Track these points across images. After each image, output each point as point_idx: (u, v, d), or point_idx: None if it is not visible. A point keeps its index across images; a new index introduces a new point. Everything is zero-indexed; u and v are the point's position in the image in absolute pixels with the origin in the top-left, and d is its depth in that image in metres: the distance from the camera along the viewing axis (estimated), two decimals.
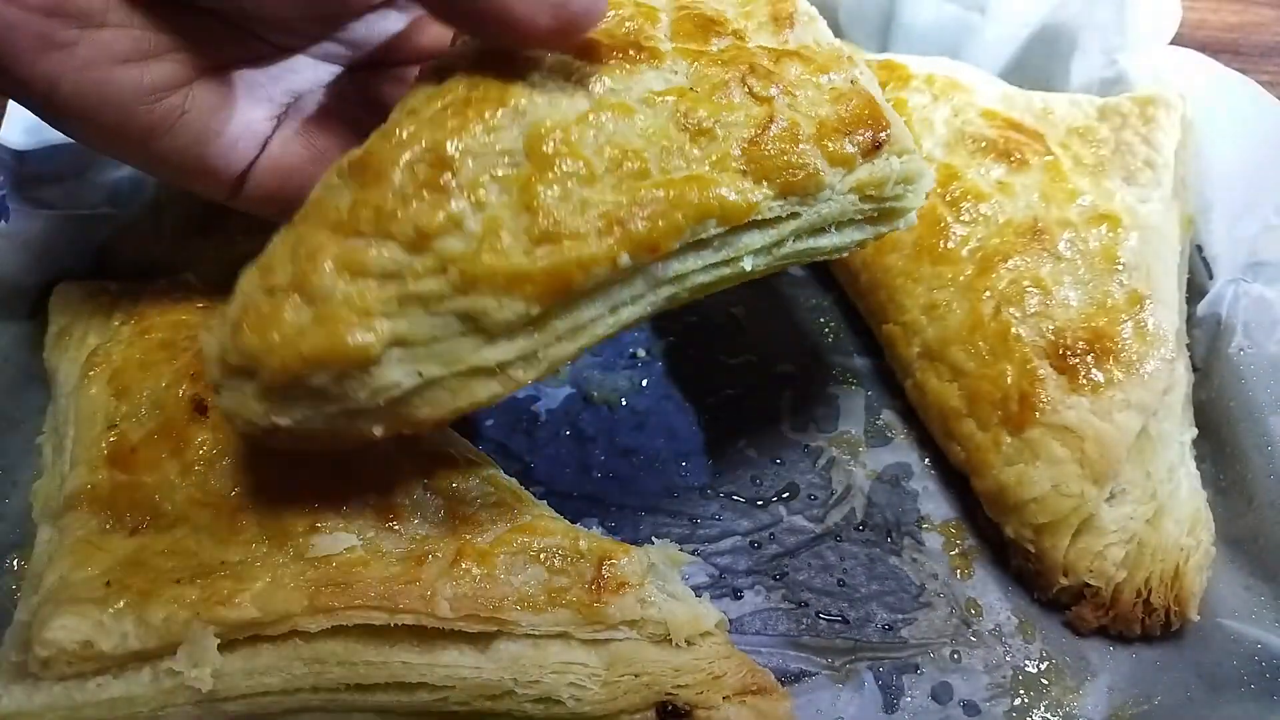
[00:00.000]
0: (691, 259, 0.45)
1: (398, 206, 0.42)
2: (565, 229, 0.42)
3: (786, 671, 0.55)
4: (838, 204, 0.48)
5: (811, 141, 0.46)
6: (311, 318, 0.41)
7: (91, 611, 0.45)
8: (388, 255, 0.41)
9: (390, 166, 0.42)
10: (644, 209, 0.42)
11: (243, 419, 0.43)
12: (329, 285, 0.41)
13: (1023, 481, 0.57)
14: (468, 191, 0.42)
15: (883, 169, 0.48)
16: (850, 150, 0.47)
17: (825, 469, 0.65)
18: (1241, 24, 1.02)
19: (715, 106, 0.46)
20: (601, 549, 0.49)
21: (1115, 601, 0.56)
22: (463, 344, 0.42)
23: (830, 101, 0.48)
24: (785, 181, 0.45)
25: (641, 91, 0.46)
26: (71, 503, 0.50)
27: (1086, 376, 0.58)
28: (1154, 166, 0.67)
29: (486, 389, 0.43)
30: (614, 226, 0.42)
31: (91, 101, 0.47)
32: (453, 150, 0.42)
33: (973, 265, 0.64)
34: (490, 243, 0.41)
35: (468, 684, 0.46)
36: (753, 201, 0.45)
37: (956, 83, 0.73)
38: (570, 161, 0.43)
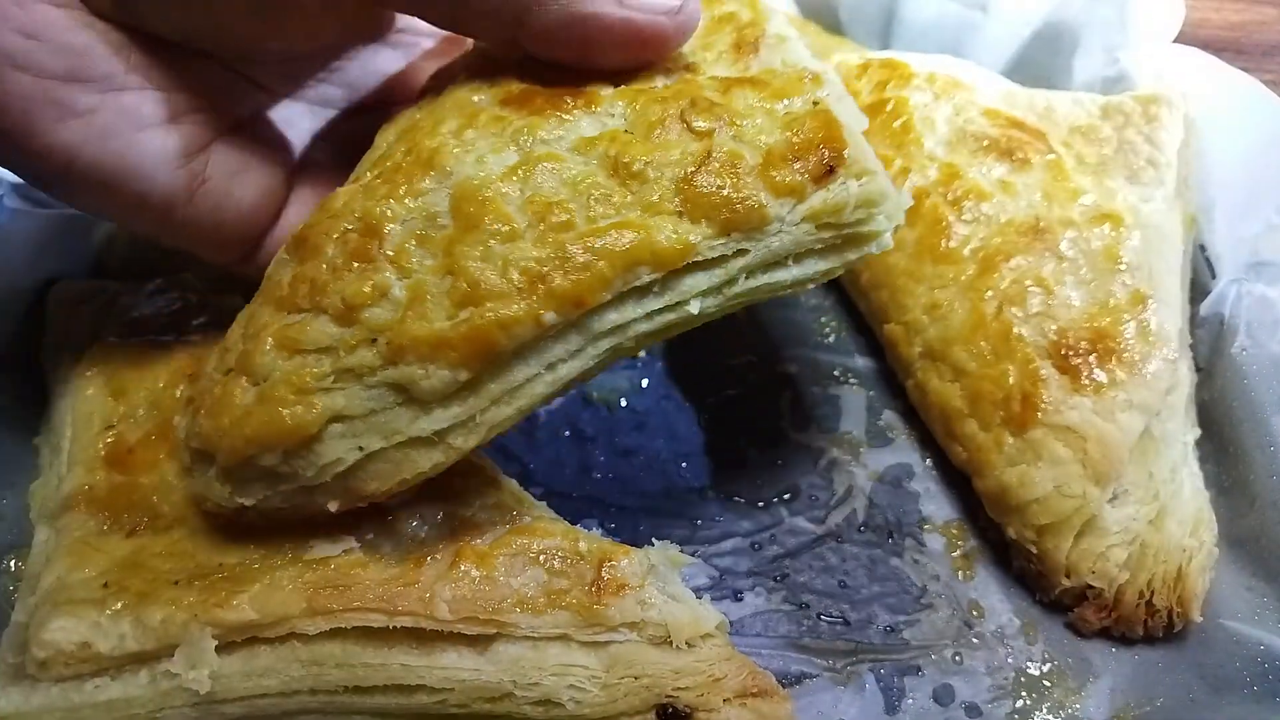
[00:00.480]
0: (630, 307, 0.44)
1: (329, 279, 0.42)
2: (486, 290, 0.41)
3: (787, 673, 0.54)
4: (790, 235, 0.45)
5: (754, 174, 0.44)
6: (256, 398, 0.42)
7: (89, 613, 0.44)
8: (321, 329, 0.42)
9: (324, 239, 0.43)
10: (565, 264, 0.42)
11: (210, 501, 0.44)
12: (269, 364, 0.42)
13: (1025, 482, 0.57)
14: (394, 259, 0.42)
15: (839, 194, 0.45)
16: (799, 178, 0.44)
17: (826, 470, 0.65)
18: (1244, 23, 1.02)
19: (650, 147, 0.45)
20: (601, 550, 0.49)
21: (1118, 603, 0.55)
22: (399, 415, 0.42)
23: (781, 128, 0.46)
24: (725, 219, 0.43)
25: (573, 139, 0.45)
26: (69, 504, 0.50)
27: (1089, 377, 0.58)
28: (1157, 166, 0.67)
29: (429, 459, 0.43)
30: (536, 284, 0.41)
31: (114, 172, 0.44)
32: (380, 218, 0.43)
33: (975, 265, 0.64)
34: (416, 310, 0.42)
35: (467, 686, 0.46)
36: (690, 243, 0.43)
37: (958, 81, 0.73)
38: (492, 219, 0.42)
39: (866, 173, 0.46)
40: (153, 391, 0.53)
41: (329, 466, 0.42)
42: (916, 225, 0.66)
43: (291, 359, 0.42)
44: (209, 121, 0.47)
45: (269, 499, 0.44)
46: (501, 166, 0.44)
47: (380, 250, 0.42)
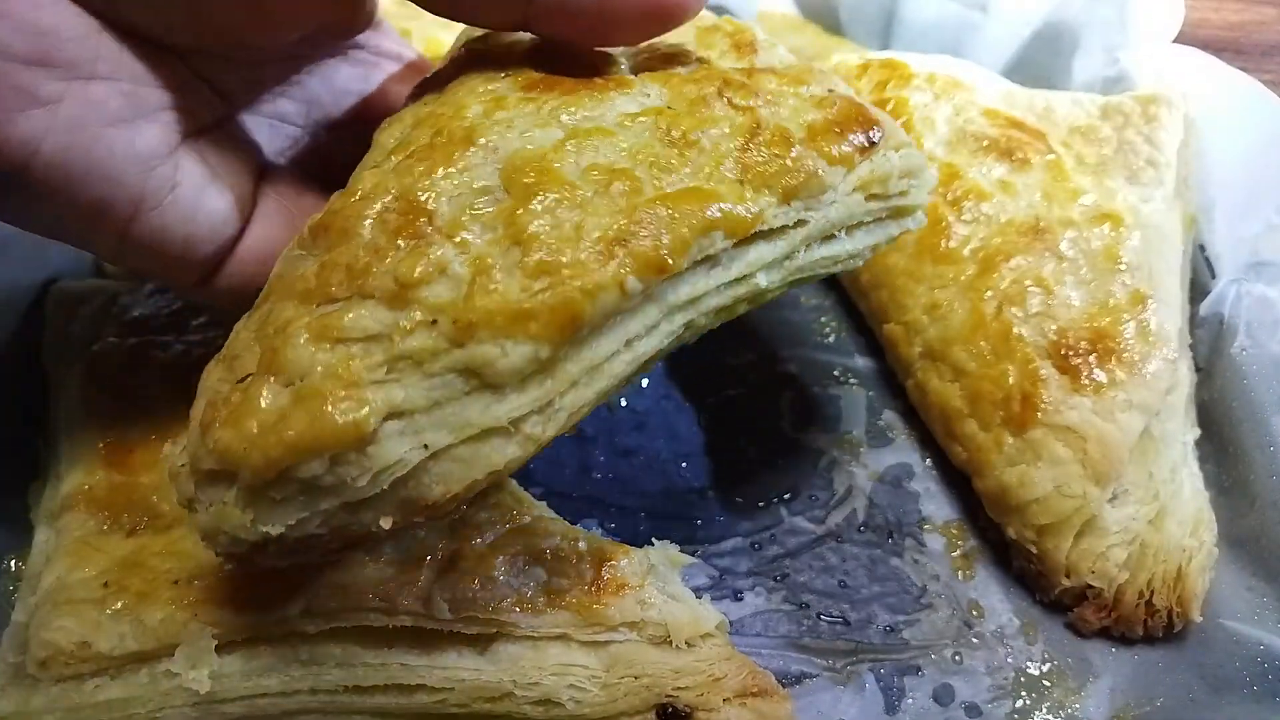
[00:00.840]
0: (702, 279, 0.42)
1: (371, 260, 0.37)
2: (563, 257, 0.37)
3: (787, 673, 0.54)
4: (844, 206, 0.45)
5: (804, 144, 0.43)
6: (291, 399, 0.35)
7: (89, 612, 0.44)
8: (368, 315, 0.36)
9: (356, 222, 0.38)
10: (645, 226, 0.38)
11: (226, 535, 0.36)
12: (306, 359, 0.36)
13: (1024, 482, 0.57)
14: (448, 234, 0.38)
15: (883, 165, 0.45)
16: (847, 149, 0.44)
17: (826, 470, 0.64)
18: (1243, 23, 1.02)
19: (698, 120, 0.43)
20: (601, 550, 0.49)
21: (1118, 603, 0.55)
22: (468, 404, 0.37)
23: (814, 107, 0.46)
24: (786, 186, 0.42)
25: (616, 115, 0.43)
26: (69, 503, 0.50)
27: (1089, 377, 0.58)
28: (1156, 166, 0.67)
29: (503, 453, 0.38)
30: (615, 248, 0.38)
31: (77, 170, 0.39)
32: (425, 195, 0.39)
33: (974, 265, 0.64)
34: (482, 284, 0.37)
35: (467, 686, 0.46)
36: (757, 211, 0.41)
37: (958, 81, 0.73)
38: (555, 188, 0.39)
39: (903, 145, 0.46)
40: (152, 391, 0.53)
41: (386, 472, 0.36)
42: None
43: (333, 350, 0.36)
44: (177, 122, 0.43)
45: (304, 523, 0.36)
46: (550, 140, 0.41)
47: (430, 226, 0.38)
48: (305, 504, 0.36)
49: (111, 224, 0.41)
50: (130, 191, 0.41)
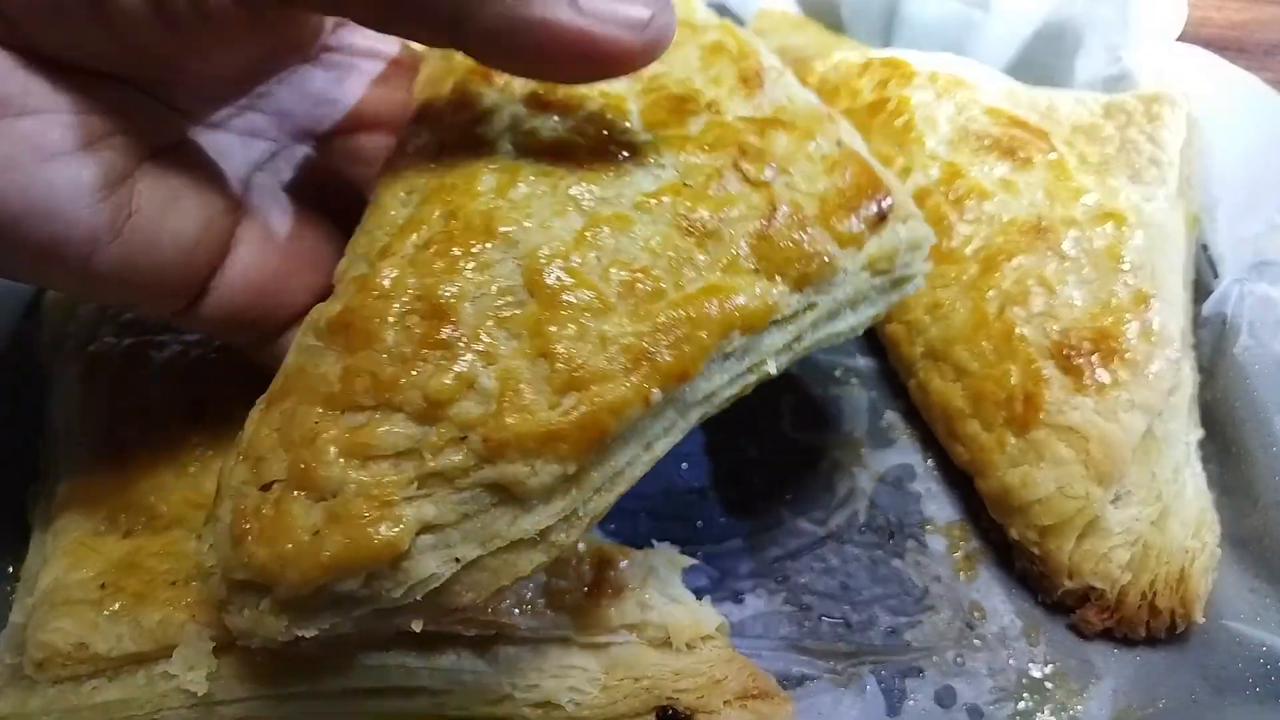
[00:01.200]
0: (718, 376, 0.42)
1: (399, 372, 0.37)
2: (589, 372, 0.38)
3: (788, 675, 0.54)
4: (852, 285, 0.45)
5: (817, 224, 0.43)
6: (325, 517, 0.36)
7: (86, 614, 0.44)
8: (398, 431, 0.37)
9: (378, 324, 0.38)
10: (667, 336, 0.39)
11: (260, 638, 0.38)
12: (338, 476, 0.36)
13: (1027, 483, 0.57)
14: (472, 344, 0.38)
15: (891, 240, 0.46)
16: (858, 228, 0.44)
17: (827, 471, 0.64)
18: (1246, 21, 1.02)
19: (714, 202, 0.43)
20: (601, 552, 0.49)
21: (1120, 604, 0.55)
22: (497, 517, 0.38)
23: (825, 173, 0.45)
24: (799, 273, 0.42)
25: (634, 196, 0.43)
26: (66, 504, 0.49)
27: (1091, 377, 0.57)
28: (1159, 165, 0.66)
29: (530, 560, 0.39)
30: (641, 361, 0.38)
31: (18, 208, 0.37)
32: (446, 297, 0.38)
33: (976, 264, 0.63)
34: (511, 400, 0.37)
35: (466, 688, 0.46)
36: (771, 303, 0.42)
37: (960, 80, 0.73)
38: (579, 292, 0.39)
39: (911, 216, 0.47)
40: (150, 391, 0.53)
41: (421, 585, 0.37)
42: None
43: (365, 468, 0.36)
44: (130, 147, 0.41)
45: (337, 626, 0.37)
46: (569, 232, 0.41)
47: (456, 334, 0.38)
48: (339, 612, 0.37)
49: (69, 262, 0.39)
50: (83, 227, 0.39)
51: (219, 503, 0.38)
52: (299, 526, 0.35)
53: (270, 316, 0.46)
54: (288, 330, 0.47)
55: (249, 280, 0.45)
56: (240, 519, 0.36)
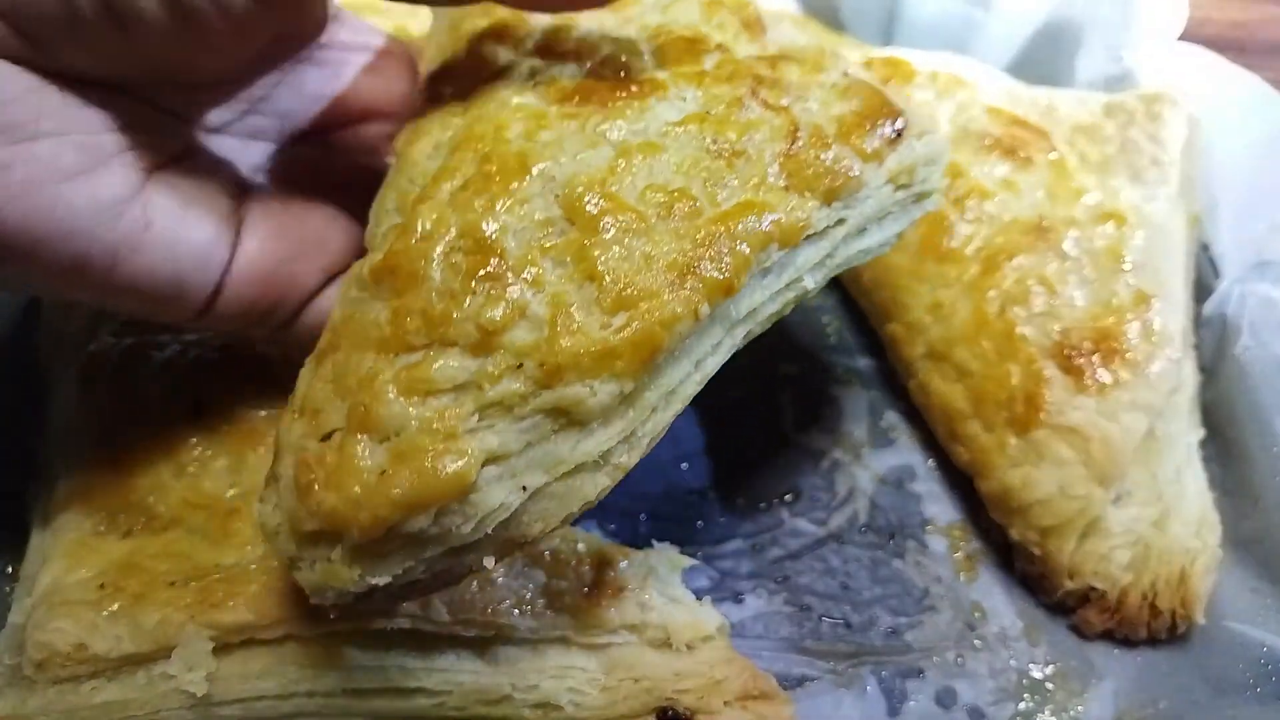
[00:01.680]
0: (759, 291, 0.43)
1: (450, 306, 0.38)
2: (638, 290, 0.38)
3: (789, 676, 0.54)
4: (877, 200, 0.46)
5: (839, 142, 0.44)
6: (390, 456, 0.36)
7: (85, 614, 0.44)
8: (454, 364, 0.37)
9: (423, 264, 0.39)
10: (709, 250, 0.40)
11: (334, 591, 0.37)
12: (399, 414, 0.36)
13: (1028, 483, 0.56)
14: (519, 273, 0.38)
15: (908, 154, 0.46)
16: (877, 144, 0.45)
17: (828, 471, 0.64)
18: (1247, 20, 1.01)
19: (739, 126, 0.44)
20: (601, 552, 0.49)
21: (1121, 605, 0.55)
22: (559, 442, 0.38)
23: (839, 98, 0.46)
24: (828, 189, 0.43)
25: (660, 125, 0.44)
26: (65, 504, 0.49)
27: (1092, 377, 0.57)
28: (1160, 164, 0.66)
29: (595, 485, 0.39)
30: (686, 276, 0.39)
31: (41, 233, 0.38)
32: (489, 232, 0.39)
33: (977, 264, 0.63)
34: (564, 323, 0.38)
35: (465, 689, 0.46)
36: (804, 217, 0.42)
37: (960, 79, 0.72)
38: (620, 216, 0.40)
39: (925, 131, 0.47)
40: (149, 391, 0.53)
41: (490, 517, 0.37)
42: (919, 225, 0.65)
43: (425, 403, 0.36)
44: (140, 160, 0.42)
45: (409, 571, 0.37)
46: (603, 162, 0.42)
47: (502, 266, 0.38)
48: (411, 554, 0.37)
49: (91, 277, 0.41)
50: (103, 243, 0.40)
51: (279, 460, 0.38)
52: (365, 468, 0.36)
53: (283, 302, 0.47)
54: (302, 314, 0.48)
55: (258, 271, 0.46)
56: (304, 470, 0.37)
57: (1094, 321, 0.59)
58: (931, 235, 0.65)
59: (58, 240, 0.39)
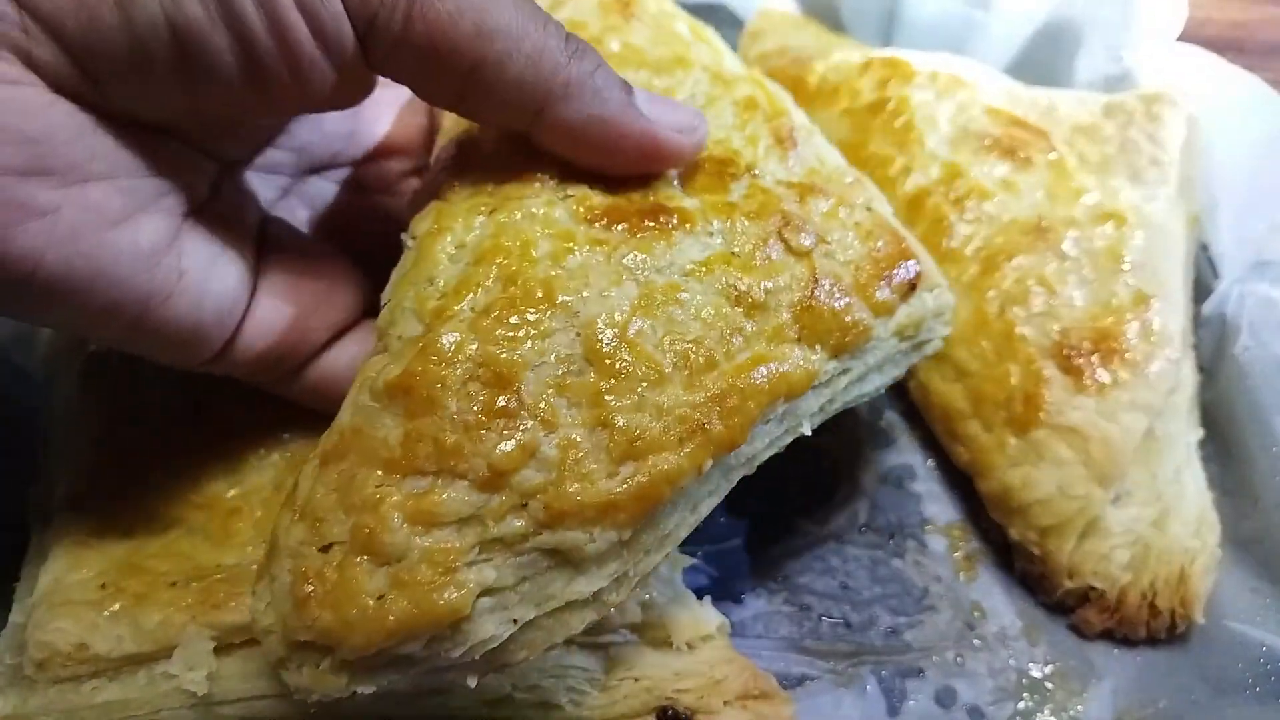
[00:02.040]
0: (760, 440, 0.44)
1: (462, 440, 0.38)
2: (647, 442, 0.39)
3: (788, 675, 0.54)
4: (882, 351, 0.48)
5: (855, 294, 0.46)
6: (389, 583, 0.37)
7: (86, 614, 0.44)
8: (462, 498, 0.38)
9: (441, 390, 0.39)
10: (719, 406, 0.41)
11: (319, 694, 0.38)
12: (403, 543, 0.37)
13: (1028, 483, 0.57)
14: (534, 412, 0.39)
15: (918, 308, 0.48)
16: (890, 297, 0.47)
17: (828, 471, 0.64)
18: (1247, 21, 1.01)
19: (761, 271, 0.45)
20: None
21: (1120, 604, 0.55)
22: (553, 580, 0.39)
23: (860, 240, 0.48)
24: (839, 342, 0.45)
25: (685, 264, 0.44)
26: (66, 504, 0.49)
27: (1092, 377, 0.57)
28: (1160, 165, 0.66)
29: (582, 619, 0.41)
30: (695, 432, 0.40)
31: (82, 278, 0.38)
32: (509, 365, 0.39)
33: (977, 264, 0.63)
34: (571, 469, 0.39)
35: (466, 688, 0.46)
36: (813, 370, 0.44)
37: (960, 80, 0.73)
38: (637, 364, 0.40)
39: (936, 285, 0.50)
40: (149, 392, 0.53)
41: (480, 645, 0.38)
42: (919, 224, 0.66)
43: (429, 534, 0.37)
44: (175, 208, 0.42)
45: (395, 684, 0.39)
46: (626, 302, 0.42)
47: (518, 403, 0.39)
48: (398, 671, 0.38)
49: (120, 322, 0.40)
50: (138, 290, 0.40)
51: (274, 560, 0.39)
52: (364, 591, 0.36)
53: (291, 356, 0.47)
54: (308, 369, 0.49)
55: (272, 326, 0.46)
56: (302, 581, 0.37)
57: (1093, 321, 0.59)
58: (931, 236, 0.65)
59: (97, 287, 0.38)
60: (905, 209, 0.67)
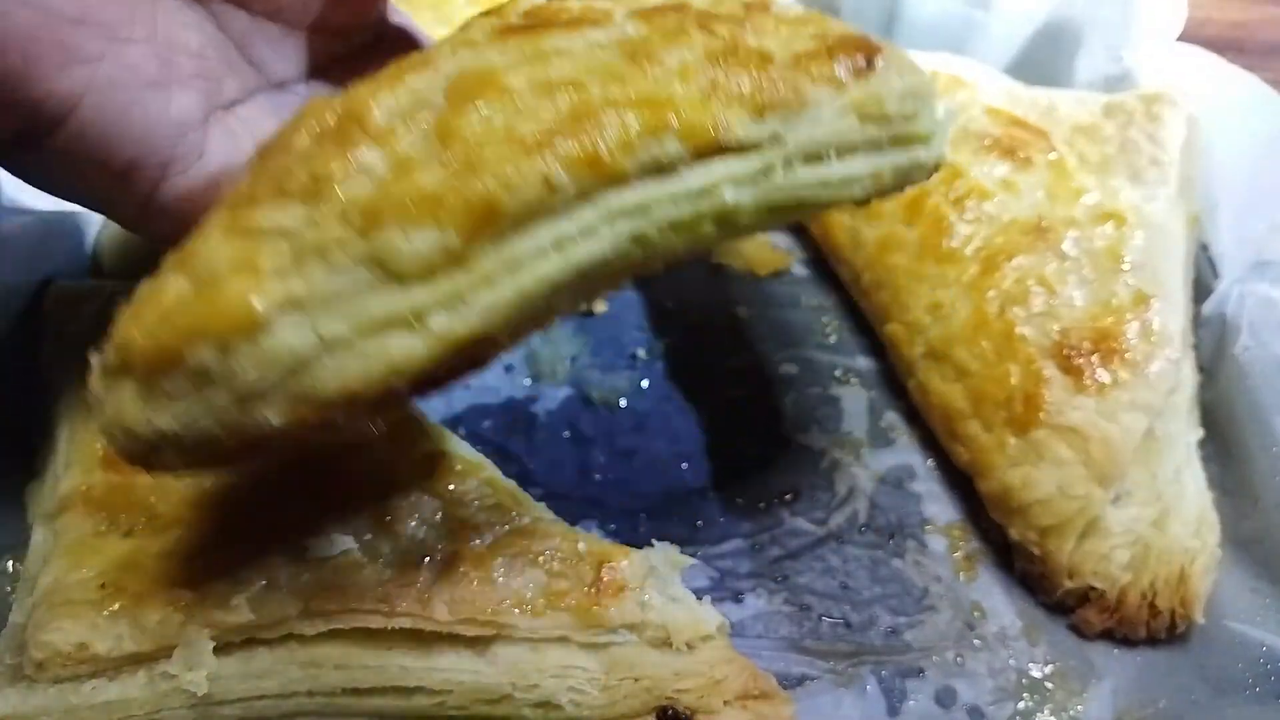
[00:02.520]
0: (654, 187, 0.38)
1: (296, 165, 0.36)
2: (487, 151, 0.35)
3: (788, 675, 0.54)
4: (831, 127, 0.41)
5: (789, 68, 0.40)
6: (192, 287, 0.35)
7: (87, 614, 0.44)
8: (282, 212, 0.35)
9: (294, 134, 0.37)
10: (582, 124, 0.36)
11: (121, 429, 0.36)
12: (214, 251, 0.35)
13: (1028, 483, 0.57)
14: (375, 136, 0.36)
15: (878, 85, 0.42)
16: (839, 72, 0.41)
17: (828, 471, 0.64)
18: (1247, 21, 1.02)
19: (672, 41, 0.40)
20: (601, 552, 0.49)
21: (1120, 604, 0.55)
22: (371, 296, 0.35)
23: (811, 38, 0.42)
24: (758, 100, 0.39)
25: (584, 44, 0.40)
26: (66, 504, 0.49)
27: (1092, 377, 0.57)
28: (1160, 165, 0.66)
29: (402, 346, 0.35)
30: (548, 141, 0.35)
31: (112, 130, 0.40)
32: (365, 107, 0.37)
33: (977, 264, 0.63)
34: (398, 176, 0.35)
35: (466, 688, 0.46)
36: (718, 119, 0.38)
37: (960, 80, 0.73)
38: (497, 97, 0.36)
39: (910, 69, 0.43)
40: None
41: (275, 359, 0.34)
42: (918, 225, 0.66)
43: (244, 244, 0.35)
44: (209, 93, 0.44)
45: (195, 417, 0.35)
46: (504, 58, 0.39)
47: (362, 133, 0.36)
48: (196, 396, 0.35)
49: (138, 187, 0.42)
50: (160, 155, 0.42)
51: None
52: (167, 298, 0.35)
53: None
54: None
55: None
56: (122, 310, 0.36)
57: (1093, 321, 0.59)
58: (931, 235, 0.65)
59: (122, 141, 0.41)
60: (905, 209, 0.67)
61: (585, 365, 0.69)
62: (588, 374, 0.69)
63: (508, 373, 0.69)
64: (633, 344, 0.71)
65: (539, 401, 0.67)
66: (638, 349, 0.71)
